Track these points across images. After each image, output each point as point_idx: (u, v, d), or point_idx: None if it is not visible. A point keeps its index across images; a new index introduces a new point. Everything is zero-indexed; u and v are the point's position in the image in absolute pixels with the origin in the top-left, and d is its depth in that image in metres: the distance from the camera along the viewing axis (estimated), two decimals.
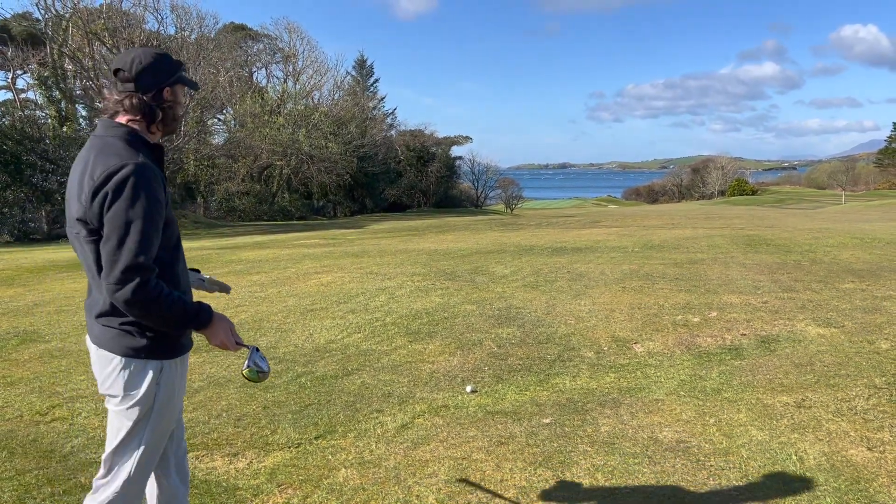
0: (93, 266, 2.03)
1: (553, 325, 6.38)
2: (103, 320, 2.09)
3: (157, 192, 1.98)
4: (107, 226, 1.93)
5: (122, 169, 1.93)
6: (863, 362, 4.88)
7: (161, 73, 2.11)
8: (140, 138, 2.09)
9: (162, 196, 2.01)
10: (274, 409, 4.31)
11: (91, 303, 2.15)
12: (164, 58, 2.14)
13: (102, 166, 1.95)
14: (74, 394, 4.71)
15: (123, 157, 1.97)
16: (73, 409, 4.41)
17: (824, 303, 7.00)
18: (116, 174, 1.92)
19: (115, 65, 2.12)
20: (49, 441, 3.87)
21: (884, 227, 17.79)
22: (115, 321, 2.07)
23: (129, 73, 2.07)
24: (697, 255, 11.61)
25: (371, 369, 5.16)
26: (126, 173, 1.93)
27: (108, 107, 2.11)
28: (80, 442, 3.84)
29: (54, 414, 4.33)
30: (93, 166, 1.97)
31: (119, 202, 1.91)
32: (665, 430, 3.78)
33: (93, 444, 3.79)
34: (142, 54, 2.11)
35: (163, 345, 2.11)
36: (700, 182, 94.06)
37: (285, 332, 6.49)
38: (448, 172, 60.22)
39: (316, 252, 14.51)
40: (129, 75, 2.07)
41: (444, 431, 3.88)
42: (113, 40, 28.96)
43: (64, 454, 3.68)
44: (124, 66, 2.08)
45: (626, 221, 24.92)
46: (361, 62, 59.76)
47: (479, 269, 10.34)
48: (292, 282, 9.63)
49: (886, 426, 3.69)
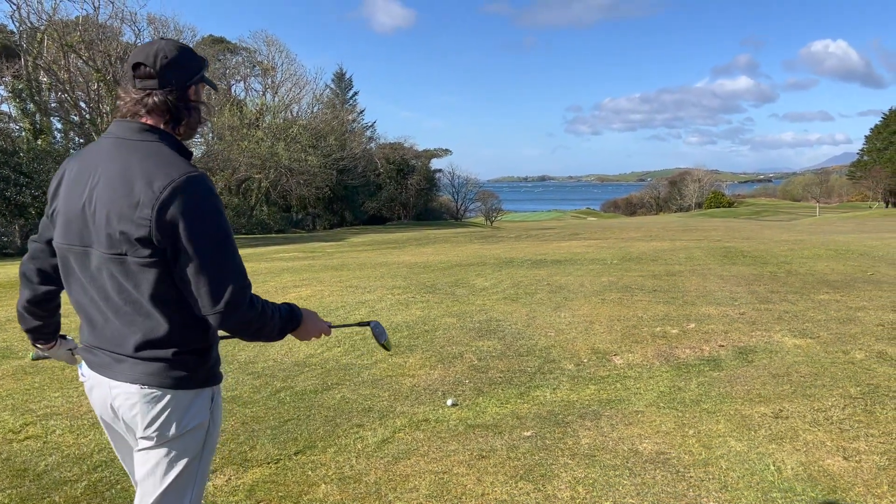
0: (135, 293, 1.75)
1: (533, 338, 6.39)
2: (147, 353, 1.78)
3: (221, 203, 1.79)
4: (191, 246, 1.67)
5: (193, 181, 1.69)
6: (838, 372, 4.95)
7: (186, 68, 1.85)
8: (180, 143, 1.86)
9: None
10: (253, 425, 4.27)
11: (114, 336, 1.81)
12: (189, 52, 1.89)
13: (165, 177, 1.68)
14: (48, 411, 4.63)
15: (180, 166, 1.72)
16: (47, 426, 4.33)
17: (800, 314, 7.09)
18: (190, 187, 1.69)
19: (133, 58, 1.84)
20: (22, 460, 3.80)
21: (857, 239, 18.09)
22: (166, 352, 1.79)
23: (152, 68, 1.80)
24: (675, 267, 11.72)
25: (351, 383, 5.13)
26: (197, 186, 1.70)
27: (126, 106, 1.83)
28: (54, 460, 3.77)
29: (28, 432, 4.25)
30: (147, 176, 1.69)
31: (204, 218, 1.70)
32: (645, 442, 3.80)
33: (67, 463, 3.72)
34: (166, 47, 1.84)
35: (213, 371, 1.92)
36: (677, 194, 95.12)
37: (264, 346, 6.43)
38: (428, 185, 60.34)
39: (295, 265, 14.43)
40: (153, 70, 1.80)
41: (424, 445, 3.86)
42: (89, 53, 28.74)
43: (38, 473, 3.61)
44: (146, 61, 1.80)
45: (604, 234, 25.11)
46: (340, 75, 59.84)
47: (460, 282, 10.35)
48: (271, 295, 9.56)
49: (862, 436, 3.74)
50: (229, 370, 5.55)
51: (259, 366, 5.72)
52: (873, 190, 76.31)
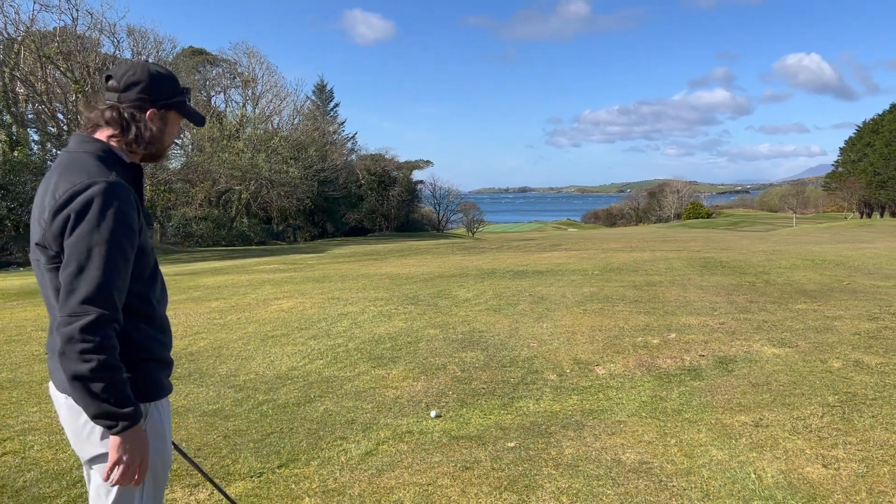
0: (51, 297, 1.77)
1: (516, 349, 6.41)
2: None
3: (128, 217, 1.72)
4: (67, 251, 1.66)
5: (89, 188, 1.68)
6: (816, 381, 5.01)
7: (153, 91, 1.88)
8: (115, 156, 1.85)
9: (135, 221, 1.75)
10: (235, 438, 4.24)
11: (53, 343, 1.78)
12: (163, 78, 1.91)
13: (67, 184, 1.70)
14: (26, 426, 4.57)
15: (92, 174, 1.72)
16: (26, 442, 4.26)
17: (778, 323, 7.17)
18: (82, 193, 1.68)
19: (107, 72, 1.91)
20: (0, 476, 3.74)
21: (833, 249, 18.36)
22: None
23: (117, 82, 1.86)
24: (655, 277, 11.81)
25: (334, 396, 5.11)
26: (93, 192, 1.68)
27: (88, 120, 1.89)
28: (32, 476, 3.71)
29: (5, 447, 4.18)
30: (56, 184, 1.73)
31: (83, 225, 1.66)
32: (628, 452, 3.82)
33: (46, 478, 3.67)
34: (139, 68, 1.89)
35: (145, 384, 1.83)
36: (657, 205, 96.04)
37: (246, 359, 6.39)
38: (409, 196, 60.43)
39: (276, 277, 14.36)
40: (117, 85, 1.86)
41: (408, 457, 3.85)
42: (67, 64, 28.50)
43: (16, 489, 3.55)
44: (115, 75, 1.88)
45: (585, 244, 25.25)
46: (321, 87, 59.85)
47: (442, 293, 10.35)
48: (252, 308, 9.51)
49: (840, 444, 3.79)
50: (210, 383, 5.52)
51: (241, 378, 5.68)
52: (848, 200, 77.61)
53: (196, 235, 37.65)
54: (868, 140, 75.36)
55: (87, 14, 30.03)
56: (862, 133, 77.77)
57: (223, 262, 21.97)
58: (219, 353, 6.66)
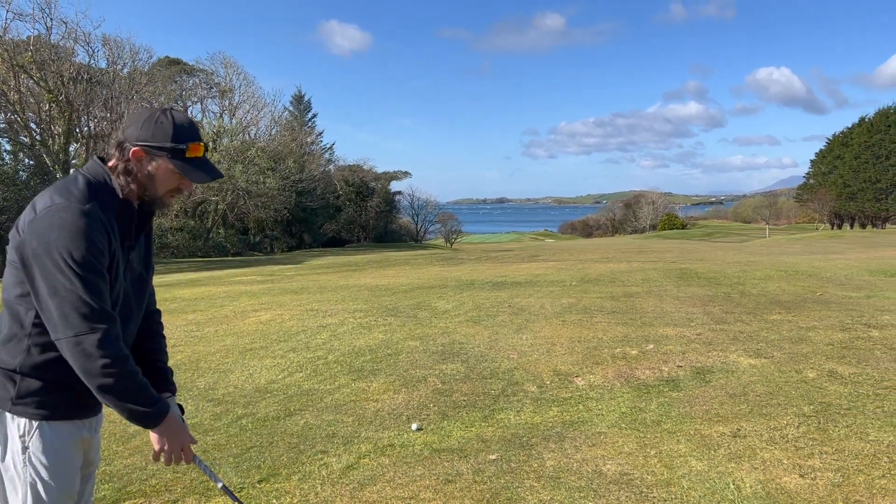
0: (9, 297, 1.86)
1: (496, 360, 6.42)
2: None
3: (96, 242, 1.78)
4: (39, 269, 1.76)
5: (61, 210, 1.76)
6: (792, 391, 5.09)
7: (146, 132, 1.91)
8: (107, 186, 1.91)
9: (103, 246, 1.81)
10: (214, 453, 4.20)
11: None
12: (164, 124, 1.93)
13: (48, 202, 1.80)
14: None
15: (72, 198, 1.80)
16: None
17: (754, 334, 7.27)
18: (55, 214, 1.76)
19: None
20: None
21: (806, 260, 18.66)
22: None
23: (126, 122, 1.98)
24: (633, 288, 11.91)
25: (314, 409, 5.08)
26: (62, 217, 1.76)
27: (109, 147, 2.01)
28: None
29: None
30: (41, 199, 1.83)
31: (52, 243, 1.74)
32: (608, 463, 3.85)
33: None
34: (150, 112, 1.95)
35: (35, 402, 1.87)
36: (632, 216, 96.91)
37: (224, 372, 6.34)
38: (388, 207, 60.37)
39: (254, 289, 14.26)
40: (125, 124, 1.98)
41: (390, 471, 3.84)
42: (40, 73, 28.14)
43: None
44: (129, 116, 2.02)
45: (563, 255, 25.40)
46: (299, 97, 59.69)
47: (422, 305, 10.35)
48: (230, 320, 9.43)
49: (816, 453, 3.85)
50: (188, 397, 5.46)
51: (219, 392, 5.63)
52: (819, 212, 78.92)
53: (172, 247, 37.23)
54: (838, 153, 76.84)
55: (62, 23, 29.63)
56: (832, 146, 79.28)
57: (200, 273, 21.76)
58: (196, 366, 6.59)
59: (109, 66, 31.99)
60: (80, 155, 31.52)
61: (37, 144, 30.03)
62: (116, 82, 30.47)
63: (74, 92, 28.86)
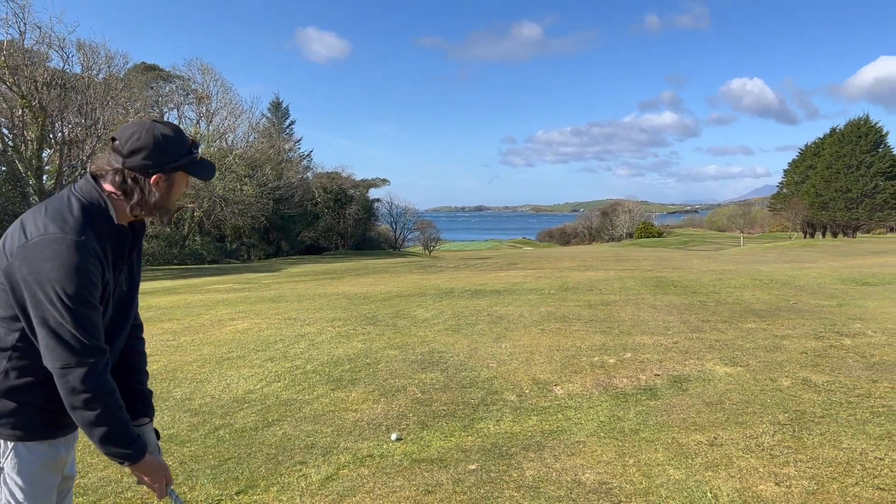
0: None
1: (476, 369, 6.43)
2: None
3: (89, 273, 1.76)
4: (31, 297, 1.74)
5: (55, 242, 1.73)
6: (767, 399, 5.16)
7: (158, 156, 1.88)
8: (104, 213, 1.87)
9: (96, 278, 1.79)
10: (191, 465, 4.15)
11: None
12: (169, 141, 1.91)
13: (41, 229, 1.76)
14: None
15: (66, 228, 1.75)
16: None
17: (730, 342, 7.36)
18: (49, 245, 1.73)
19: (113, 133, 1.93)
20: None
21: (780, 269, 18.93)
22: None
23: (121, 146, 1.88)
24: (610, 296, 12.00)
25: (293, 419, 5.05)
26: (56, 248, 1.73)
27: (101, 167, 1.92)
28: None
29: None
30: (33, 222, 1.78)
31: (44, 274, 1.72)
32: (587, 472, 3.86)
33: None
34: (143, 132, 1.89)
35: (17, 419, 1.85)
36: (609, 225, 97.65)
37: (201, 382, 6.27)
38: (366, 214, 60.20)
39: (230, 297, 14.14)
40: (121, 149, 1.88)
41: (370, 482, 3.83)
42: (13, 78, 27.71)
43: None
44: (120, 139, 1.89)
45: (541, 263, 25.53)
46: (277, 104, 59.48)
47: (401, 313, 10.33)
48: (206, 329, 9.34)
49: (791, 461, 3.90)
50: (164, 407, 5.39)
51: (196, 402, 5.57)
52: (792, 221, 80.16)
53: (147, 254, 36.78)
54: (810, 163, 78.16)
55: (36, 28, 29.21)
56: (804, 156, 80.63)
57: (175, 281, 21.53)
58: (173, 376, 6.52)
59: (84, 71, 31.59)
60: (53, 161, 31.10)
61: (9, 150, 29.56)
62: (91, 88, 30.09)
63: (48, 97, 28.46)
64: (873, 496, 3.40)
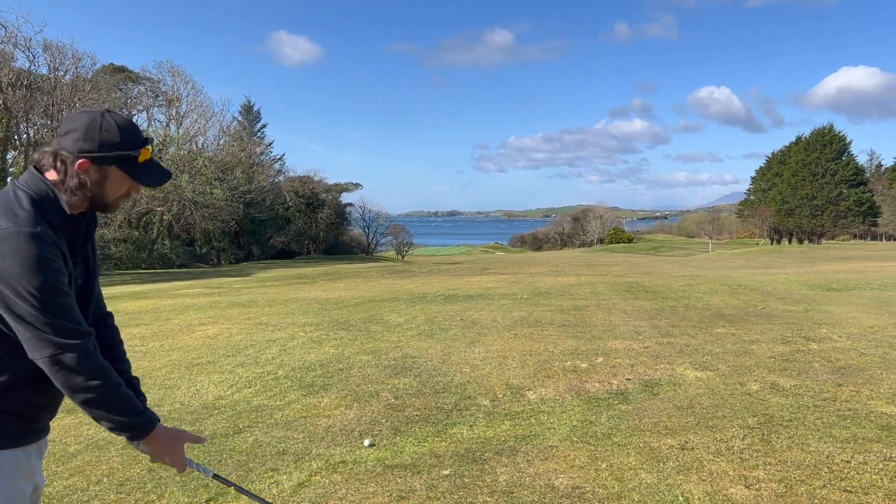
0: None
1: (449, 374, 6.42)
2: None
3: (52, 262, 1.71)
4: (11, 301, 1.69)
5: (10, 237, 1.66)
6: (737, 403, 5.22)
7: (88, 140, 1.80)
8: (54, 204, 1.80)
9: (60, 266, 1.74)
10: (160, 472, 4.08)
11: None
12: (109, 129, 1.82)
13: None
14: None
15: (20, 221, 1.69)
16: None
17: (700, 347, 7.45)
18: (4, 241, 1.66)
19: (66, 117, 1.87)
20: None
21: (748, 275, 19.23)
22: None
23: (61, 127, 1.84)
24: (582, 301, 12.08)
25: (264, 426, 4.99)
26: (13, 243, 1.66)
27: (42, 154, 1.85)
28: None
29: None
30: None
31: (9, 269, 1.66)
32: (560, 477, 3.87)
33: None
34: (84, 116, 1.83)
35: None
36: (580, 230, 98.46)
37: (170, 388, 6.18)
38: (338, 219, 59.95)
39: (200, 302, 13.96)
40: (60, 129, 1.85)
41: (342, 488, 3.80)
42: None
43: None
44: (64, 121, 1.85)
45: (513, 268, 25.62)
46: (248, 107, 59.03)
47: (373, 318, 10.29)
48: (175, 334, 9.21)
49: (761, 464, 3.95)
50: None
51: (165, 409, 5.48)
52: (760, 227, 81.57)
53: (115, 258, 36.16)
54: (777, 170, 79.64)
55: (1, 27, 28.67)
56: (771, 163, 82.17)
57: (144, 285, 21.20)
58: (142, 382, 6.38)
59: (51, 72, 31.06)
60: (18, 163, 30.49)
61: None
62: (58, 89, 29.60)
63: (13, 98, 27.93)
64: (840, 498, 3.46)
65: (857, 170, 74.30)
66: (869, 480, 3.68)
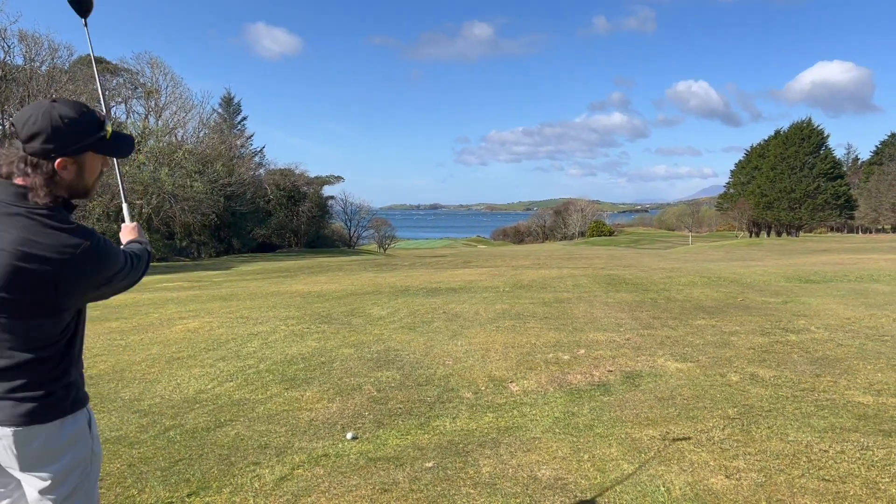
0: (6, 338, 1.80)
1: (432, 367, 6.42)
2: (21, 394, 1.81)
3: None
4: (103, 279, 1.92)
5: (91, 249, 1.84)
6: (717, 394, 5.27)
7: (58, 140, 1.78)
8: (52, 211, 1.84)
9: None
10: (140, 467, 4.04)
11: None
12: (71, 122, 1.80)
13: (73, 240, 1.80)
14: None
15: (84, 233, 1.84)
16: None
17: (680, 339, 7.51)
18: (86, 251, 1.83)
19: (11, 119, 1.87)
20: None
21: (727, 267, 19.41)
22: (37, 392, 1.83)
23: (19, 132, 1.78)
24: (564, 294, 12.13)
25: (245, 419, 4.96)
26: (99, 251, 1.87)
27: (3, 166, 1.83)
28: None
29: None
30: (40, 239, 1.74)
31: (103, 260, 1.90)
32: (543, 469, 3.89)
33: None
34: (40, 115, 1.78)
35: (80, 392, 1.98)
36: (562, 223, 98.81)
37: (150, 382, 6.12)
38: (320, 212, 59.66)
39: (180, 296, 13.84)
40: (20, 134, 1.78)
41: (325, 482, 3.78)
42: None
43: None
44: (17, 123, 1.79)
45: (495, 262, 25.66)
46: (228, 99, 58.49)
47: (356, 311, 10.26)
48: (156, 328, 9.12)
49: (741, 454, 4.00)
50: (112, 408, 5.25)
51: (145, 403, 5.43)
52: (739, 220, 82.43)
53: None
54: (755, 164, 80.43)
55: None
56: (750, 157, 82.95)
57: None
58: (121, 376, 6.34)
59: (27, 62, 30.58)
60: None
61: None
62: (34, 80, 29.15)
63: None
64: (819, 487, 3.50)
65: (835, 163, 75.25)
66: (846, 469, 3.73)
